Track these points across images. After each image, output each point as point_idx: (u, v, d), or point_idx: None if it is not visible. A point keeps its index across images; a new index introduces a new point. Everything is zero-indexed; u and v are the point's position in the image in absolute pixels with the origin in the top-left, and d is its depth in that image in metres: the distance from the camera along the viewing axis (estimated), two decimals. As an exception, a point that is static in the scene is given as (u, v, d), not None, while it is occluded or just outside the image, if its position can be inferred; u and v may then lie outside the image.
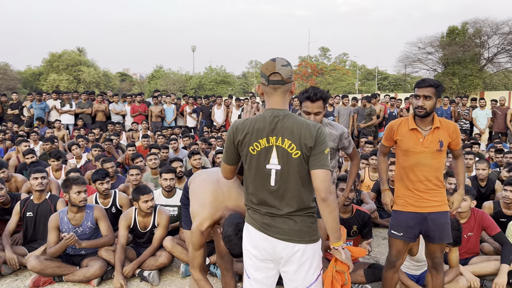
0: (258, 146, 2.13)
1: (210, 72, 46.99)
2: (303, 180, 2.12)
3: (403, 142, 3.09)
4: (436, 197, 3.06)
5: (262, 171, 2.15)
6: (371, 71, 56.47)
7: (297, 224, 2.13)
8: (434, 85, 2.96)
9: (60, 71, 42.36)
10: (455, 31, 30.07)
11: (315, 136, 2.07)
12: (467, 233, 4.14)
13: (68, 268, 3.90)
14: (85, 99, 12.06)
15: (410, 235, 3.12)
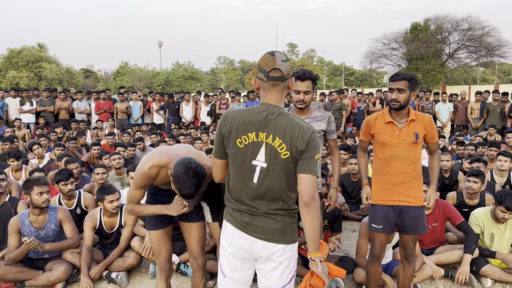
0: (246, 140, 2.05)
1: (177, 68, 46.42)
2: (288, 181, 2.06)
3: (380, 135, 3.14)
4: (412, 191, 3.11)
5: (246, 166, 2.07)
6: (338, 67, 57.36)
7: (278, 223, 2.08)
8: (408, 78, 3.01)
9: (20, 67, 40.81)
10: (418, 28, 30.97)
11: (308, 140, 2.01)
12: (432, 224, 4.25)
13: (31, 272, 3.73)
14: (47, 97, 11.63)
15: (388, 227, 3.17)
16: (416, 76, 23.67)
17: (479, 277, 4.01)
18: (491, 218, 4.13)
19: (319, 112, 3.40)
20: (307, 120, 3.31)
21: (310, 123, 3.30)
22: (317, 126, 3.31)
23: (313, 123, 3.32)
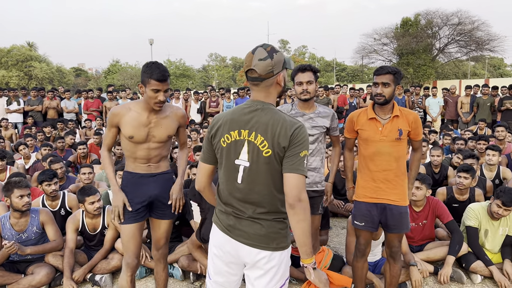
0: (229, 138, 1.97)
1: (169, 65, 46.18)
2: (274, 181, 1.93)
3: (363, 131, 3.09)
4: (395, 189, 3.06)
5: (230, 166, 1.99)
6: (329, 63, 57.37)
7: (263, 228, 1.95)
8: (392, 72, 2.96)
9: (10, 67, 40.38)
10: (408, 23, 31.01)
11: (291, 136, 1.87)
12: (422, 221, 4.22)
13: (12, 276, 3.63)
14: (35, 96, 11.48)
15: (371, 225, 3.13)
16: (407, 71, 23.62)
17: (469, 274, 3.98)
18: (486, 214, 4.10)
19: (323, 109, 3.39)
20: (311, 115, 3.30)
21: (315, 119, 3.29)
22: (321, 122, 3.31)
23: (317, 118, 3.31)
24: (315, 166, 3.34)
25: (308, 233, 1.86)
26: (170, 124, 2.91)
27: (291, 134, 1.88)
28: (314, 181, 3.34)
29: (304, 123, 3.25)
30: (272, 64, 1.91)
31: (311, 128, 3.29)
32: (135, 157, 2.88)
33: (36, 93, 11.55)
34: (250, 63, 1.92)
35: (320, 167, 3.37)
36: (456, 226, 4.08)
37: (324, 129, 3.33)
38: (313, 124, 3.30)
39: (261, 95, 1.98)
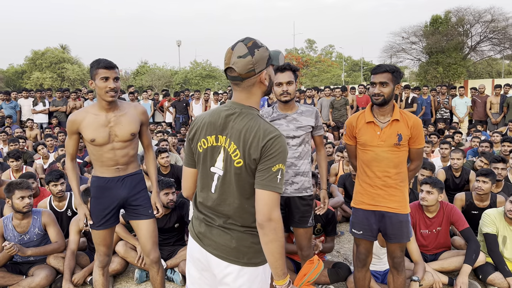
0: (205, 144, 1.84)
1: (195, 66, 46.59)
2: (243, 193, 1.77)
3: (361, 135, 2.92)
4: (394, 196, 2.88)
5: (206, 173, 1.86)
6: (357, 62, 56.49)
7: (233, 240, 1.79)
8: (390, 70, 2.77)
9: (44, 69, 41.77)
10: (438, 20, 30.07)
11: (262, 148, 1.68)
12: (436, 228, 3.98)
13: (13, 278, 3.64)
14: (60, 97, 11.73)
15: (369, 233, 2.97)
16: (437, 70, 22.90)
17: (486, 286, 3.73)
18: (503, 220, 3.85)
19: (305, 107, 3.21)
20: (294, 115, 3.13)
21: (298, 119, 3.12)
22: (305, 121, 3.12)
23: (301, 118, 3.13)
24: (303, 170, 3.15)
25: (279, 254, 1.69)
26: (130, 121, 2.85)
27: (264, 145, 1.69)
28: (303, 187, 3.15)
29: (288, 124, 3.11)
30: (253, 61, 1.72)
31: (295, 129, 3.12)
32: (101, 160, 2.82)
33: (61, 94, 11.80)
34: (229, 61, 1.74)
35: (309, 170, 3.20)
36: (472, 234, 3.83)
37: (309, 128, 3.15)
38: (298, 124, 3.12)
39: (242, 96, 1.81)
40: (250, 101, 1.82)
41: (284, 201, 3.14)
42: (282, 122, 3.12)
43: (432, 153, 7.25)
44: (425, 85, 13.70)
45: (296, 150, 3.11)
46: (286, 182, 3.09)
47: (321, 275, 3.78)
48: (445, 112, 11.10)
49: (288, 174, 3.10)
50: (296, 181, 3.12)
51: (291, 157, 3.10)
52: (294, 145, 3.11)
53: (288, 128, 3.10)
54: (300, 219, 3.16)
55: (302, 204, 3.14)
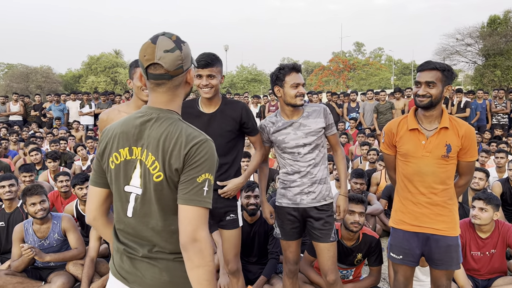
0: (118, 158, 1.54)
1: (241, 70, 46.86)
2: (172, 212, 1.49)
3: (402, 145, 2.53)
4: (442, 216, 2.48)
5: (120, 194, 1.56)
6: (407, 65, 54.52)
7: (163, 273, 1.51)
8: (440, 68, 2.37)
9: (98, 73, 43.55)
10: (497, 21, 28.27)
11: (185, 155, 1.43)
12: (489, 250, 3.48)
13: (31, 284, 3.55)
14: (104, 100, 12.00)
15: (410, 258, 2.58)
16: (494, 73, 21.47)
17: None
18: None
19: (311, 107, 2.85)
20: (300, 120, 2.78)
21: (306, 123, 2.77)
22: (314, 124, 2.78)
23: (308, 121, 2.78)
24: (320, 177, 2.82)
25: (207, 282, 1.40)
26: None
27: (186, 152, 1.43)
28: (321, 195, 2.83)
29: (296, 132, 2.78)
30: (181, 57, 1.49)
31: (305, 136, 2.77)
32: None
33: (106, 97, 12.07)
34: (153, 56, 1.46)
35: (326, 176, 2.87)
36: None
37: (321, 130, 2.81)
38: (306, 130, 2.79)
39: (163, 98, 1.54)
40: (172, 104, 1.56)
41: (300, 213, 2.83)
42: (289, 131, 2.80)
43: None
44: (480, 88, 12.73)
45: (310, 157, 2.79)
46: (301, 192, 2.78)
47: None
48: (502, 118, 10.22)
49: (304, 183, 2.79)
50: (313, 190, 2.81)
51: (305, 165, 2.78)
52: (307, 153, 2.78)
53: (296, 136, 2.78)
54: (320, 232, 2.81)
55: (321, 215, 2.81)
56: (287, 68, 2.73)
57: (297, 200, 2.82)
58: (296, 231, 2.89)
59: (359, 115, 10.18)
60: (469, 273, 3.57)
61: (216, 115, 2.74)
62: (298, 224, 2.87)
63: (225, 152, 2.71)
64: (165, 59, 1.47)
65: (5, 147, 8.08)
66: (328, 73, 37.82)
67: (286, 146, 2.80)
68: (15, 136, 9.03)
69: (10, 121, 11.78)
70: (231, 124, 2.73)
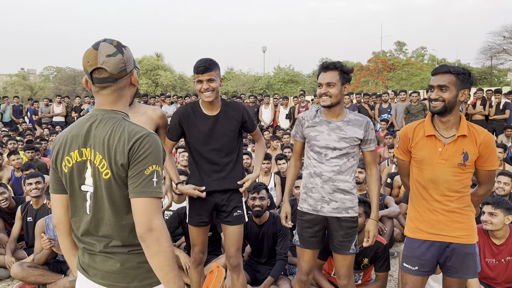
0: (70, 161, 1.62)
1: (278, 72, 46.85)
2: (121, 208, 1.59)
3: (417, 151, 2.48)
4: (460, 223, 2.43)
5: (76, 194, 1.65)
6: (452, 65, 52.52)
7: (117, 264, 1.61)
8: (454, 72, 2.32)
9: (140, 75, 44.85)
10: (548, 16, 26.74)
11: (129, 151, 1.51)
12: (505, 257, 3.34)
13: (52, 276, 3.77)
14: (139, 101, 12.39)
15: (426, 268, 2.52)
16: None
17: None
18: None
19: (355, 116, 2.76)
20: (339, 123, 2.70)
21: (343, 128, 2.69)
22: (351, 132, 2.68)
23: (347, 127, 2.70)
24: (344, 187, 2.71)
25: (168, 267, 1.49)
26: (146, 123, 2.82)
27: (130, 147, 1.51)
28: (343, 206, 2.72)
29: (330, 133, 2.71)
30: (124, 60, 1.59)
31: (338, 140, 2.69)
32: None
33: (139, 100, 12.47)
34: (96, 61, 1.55)
35: (352, 188, 2.75)
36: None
37: (356, 141, 2.70)
38: (341, 135, 2.69)
39: (108, 99, 1.63)
40: (117, 105, 1.65)
41: (321, 222, 2.77)
42: (323, 130, 2.72)
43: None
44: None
45: (335, 163, 2.70)
46: (322, 199, 2.71)
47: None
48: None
49: (325, 189, 2.71)
50: (334, 199, 2.71)
51: (328, 170, 2.70)
52: (334, 157, 2.69)
53: (329, 137, 2.70)
54: (340, 243, 2.74)
55: (342, 227, 2.72)
56: (318, 68, 2.75)
57: (317, 207, 2.74)
58: (315, 240, 2.80)
59: (391, 116, 9.96)
60: (485, 281, 3.44)
61: (219, 116, 2.85)
62: (317, 233, 2.79)
63: (230, 150, 2.87)
64: (108, 63, 1.56)
65: (44, 148, 8.54)
66: (366, 73, 37.09)
67: (316, 144, 2.73)
68: (55, 136, 9.52)
69: (54, 122, 12.42)
70: (234, 124, 2.87)
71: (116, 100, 1.64)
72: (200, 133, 2.85)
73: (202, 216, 2.93)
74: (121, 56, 1.58)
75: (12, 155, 6.26)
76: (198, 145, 2.86)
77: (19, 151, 6.88)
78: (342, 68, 2.66)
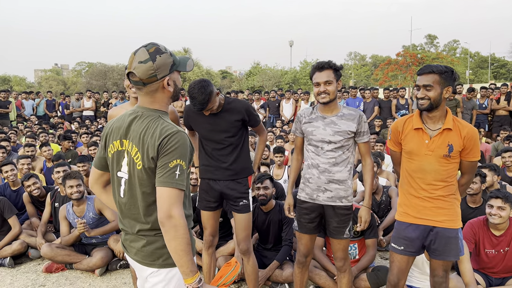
0: (113, 148, 1.88)
1: (305, 66, 46.68)
2: (150, 196, 1.79)
3: (406, 143, 2.69)
4: (443, 209, 2.61)
5: (115, 178, 1.91)
6: (485, 58, 50.93)
7: (148, 244, 1.83)
8: (438, 71, 2.51)
9: (168, 71, 45.57)
10: None
11: (159, 146, 1.71)
12: (504, 248, 3.45)
13: (77, 256, 4.13)
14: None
15: (411, 249, 2.72)
16: None
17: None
18: None
19: (348, 110, 2.95)
20: (333, 118, 2.90)
21: (337, 122, 2.89)
22: (345, 126, 2.87)
23: (340, 122, 2.89)
24: (339, 178, 2.90)
25: (183, 252, 1.68)
26: None
27: (159, 143, 1.71)
28: (338, 195, 2.91)
29: (325, 128, 2.90)
30: (154, 67, 1.75)
31: (333, 134, 2.88)
32: None
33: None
34: (130, 65, 1.77)
35: (346, 179, 2.92)
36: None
37: (349, 134, 2.88)
38: (336, 129, 2.88)
39: (145, 99, 1.83)
40: (155, 104, 1.83)
41: (317, 209, 2.98)
42: (319, 125, 2.92)
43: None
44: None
45: (331, 155, 2.89)
46: (318, 188, 2.92)
47: (360, 280, 3.57)
48: None
49: (321, 180, 2.91)
50: (329, 189, 2.90)
51: (324, 162, 2.90)
52: (329, 150, 2.89)
53: (324, 132, 2.90)
54: (334, 229, 2.95)
55: (337, 214, 2.93)
56: (312, 69, 2.93)
57: (313, 195, 2.94)
58: (312, 226, 3.00)
59: (408, 112, 9.92)
60: (483, 271, 3.57)
61: (220, 114, 3.10)
62: (314, 219, 2.99)
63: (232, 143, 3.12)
64: (138, 69, 1.75)
65: (75, 139, 9.01)
66: (394, 68, 36.47)
67: (313, 138, 2.92)
68: (85, 130, 10.03)
69: (84, 115, 12.98)
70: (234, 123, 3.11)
71: (153, 100, 1.83)
72: (203, 129, 3.12)
73: (209, 202, 3.20)
74: (152, 63, 1.74)
75: (43, 147, 6.66)
76: (203, 139, 3.16)
77: (50, 143, 7.33)
78: (336, 67, 2.87)
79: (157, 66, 1.75)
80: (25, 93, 14.28)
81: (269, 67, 49.44)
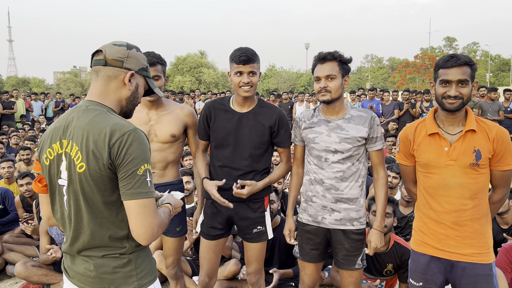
0: (51, 153, 1.53)
1: (319, 68, 46.22)
2: (97, 206, 1.47)
3: (421, 153, 2.14)
4: (471, 239, 2.06)
5: (56, 188, 1.56)
6: (507, 61, 49.52)
7: (93, 268, 1.51)
8: (470, 62, 1.98)
9: (184, 73, 45.61)
10: None
11: (112, 146, 1.40)
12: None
13: (55, 277, 3.67)
14: (174, 98, 12.45)
15: (432, 285, 2.19)
16: None
17: None
18: None
19: (357, 111, 2.39)
20: (339, 121, 2.35)
21: (344, 127, 2.34)
22: (354, 131, 2.33)
23: (348, 126, 2.35)
24: (349, 196, 2.36)
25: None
26: (172, 121, 2.60)
27: (113, 143, 1.41)
28: (348, 217, 2.38)
29: (330, 134, 2.36)
30: (125, 54, 1.56)
31: (339, 141, 2.33)
32: None
33: (175, 97, 12.53)
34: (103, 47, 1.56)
35: (357, 196, 2.39)
36: None
37: (360, 141, 2.34)
38: (343, 135, 2.33)
39: (97, 89, 1.55)
40: (106, 99, 1.55)
41: (323, 234, 2.43)
42: (322, 130, 2.38)
43: None
44: None
45: (338, 168, 2.35)
46: (324, 209, 2.38)
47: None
48: None
49: (327, 198, 2.37)
50: (337, 209, 2.37)
51: (330, 176, 2.35)
52: (335, 161, 2.34)
53: (329, 138, 2.35)
54: (344, 258, 2.41)
55: (347, 240, 2.39)
56: (314, 59, 2.40)
57: (318, 217, 2.42)
58: (317, 254, 2.50)
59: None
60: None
61: (248, 115, 2.48)
62: (319, 245, 2.48)
63: (253, 156, 2.47)
64: (107, 48, 1.55)
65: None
66: (411, 70, 35.61)
67: (315, 147, 2.40)
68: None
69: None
70: (261, 129, 2.46)
71: (104, 90, 1.55)
72: (225, 130, 2.47)
73: (214, 229, 2.57)
74: (125, 49, 1.56)
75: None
76: (219, 144, 2.50)
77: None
78: (341, 58, 2.33)
79: (128, 55, 1.57)
80: (34, 94, 14.06)
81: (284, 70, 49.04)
